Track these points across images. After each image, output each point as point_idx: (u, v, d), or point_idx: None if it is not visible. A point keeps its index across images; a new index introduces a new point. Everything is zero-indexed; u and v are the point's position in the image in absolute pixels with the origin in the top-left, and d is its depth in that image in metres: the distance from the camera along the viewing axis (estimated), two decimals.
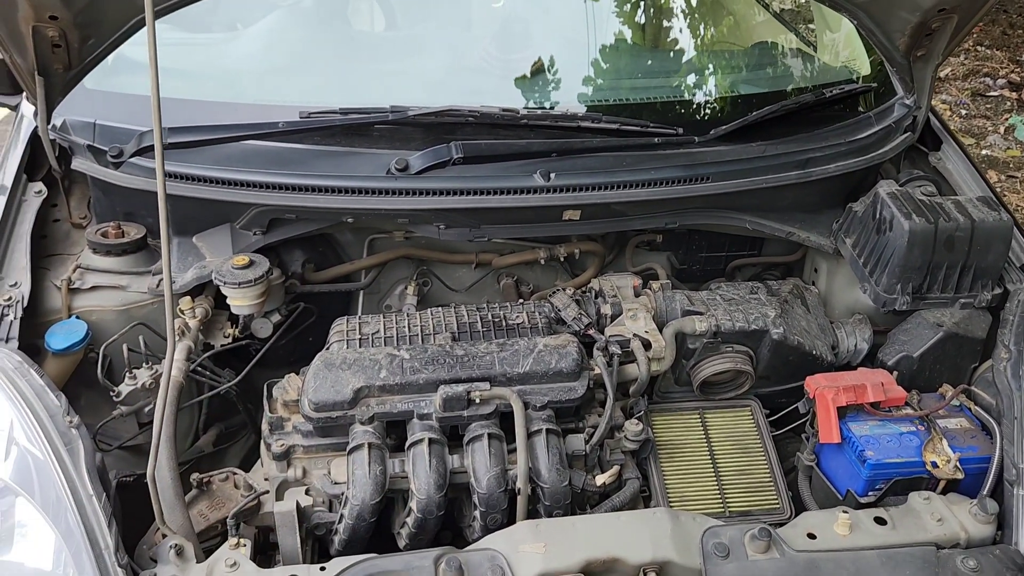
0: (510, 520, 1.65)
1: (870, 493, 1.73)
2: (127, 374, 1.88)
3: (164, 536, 1.54)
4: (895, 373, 1.90)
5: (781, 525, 1.62)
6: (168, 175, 1.92)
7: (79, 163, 2.00)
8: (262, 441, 1.80)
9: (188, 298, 1.94)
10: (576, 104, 2.22)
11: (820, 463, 1.86)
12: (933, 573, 1.50)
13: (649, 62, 2.52)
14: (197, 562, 1.51)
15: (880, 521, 1.60)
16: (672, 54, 2.56)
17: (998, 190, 5.11)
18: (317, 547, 1.78)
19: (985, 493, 1.66)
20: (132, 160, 1.95)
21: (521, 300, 2.08)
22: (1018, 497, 1.61)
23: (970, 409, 1.84)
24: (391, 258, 2.27)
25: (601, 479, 1.73)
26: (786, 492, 1.86)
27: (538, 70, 2.29)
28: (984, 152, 5.61)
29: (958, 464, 1.71)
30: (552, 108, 2.19)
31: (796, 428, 1.97)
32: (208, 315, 1.99)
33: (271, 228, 2.02)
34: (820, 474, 1.85)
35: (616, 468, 1.76)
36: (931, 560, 1.52)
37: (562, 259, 2.24)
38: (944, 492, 1.71)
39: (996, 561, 1.53)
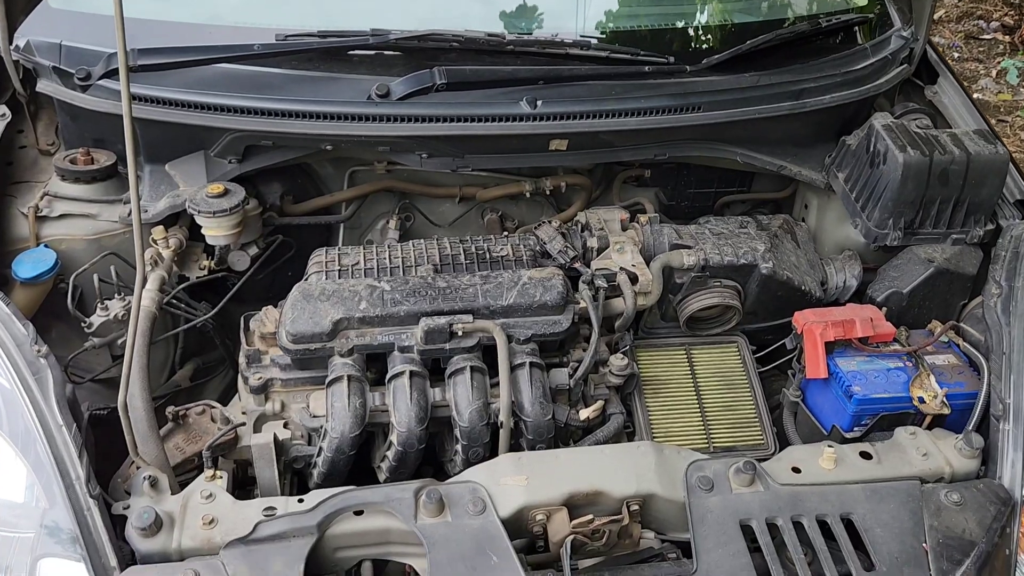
0: (492, 454, 1.62)
1: (856, 428, 1.72)
2: (98, 305, 1.82)
3: (138, 468, 1.50)
4: (884, 309, 1.87)
5: (765, 460, 1.61)
6: (138, 98, 1.84)
7: (44, 86, 1.91)
8: (239, 374, 1.75)
9: (161, 227, 1.88)
10: (565, 31, 2.14)
11: (806, 399, 1.84)
12: (917, 506, 1.50)
13: None
14: (172, 494, 1.48)
15: (865, 456, 1.59)
16: None
17: None
18: (296, 481, 1.75)
19: (971, 428, 1.65)
20: (101, 83, 1.86)
21: (506, 233, 2.03)
22: (1003, 432, 1.60)
23: (958, 345, 1.82)
24: (372, 191, 2.21)
25: (585, 413, 1.70)
26: (771, 428, 1.85)
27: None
28: (976, 96, 5.55)
29: (945, 400, 1.69)
30: (540, 34, 2.10)
31: (783, 364, 1.95)
32: (182, 246, 1.92)
33: (247, 156, 1.95)
34: (805, 410, 1.83)
35: (600, 403, 1.74)
36: (915, 494, 1.51)
37: (548, 192, 2.18)
38: (930, 427, 1.70)
39: (979, 495, 1.52)
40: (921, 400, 1.70)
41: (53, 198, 1.91)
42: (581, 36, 2.08)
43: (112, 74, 1.84)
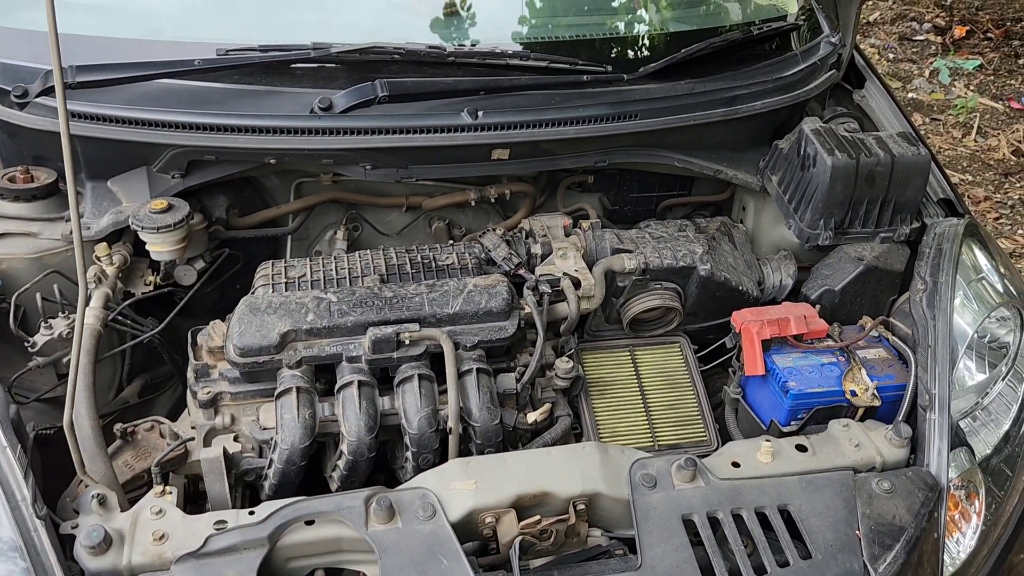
0: (442, 460, 1.65)
1: (792, 422, 1.78)
2: (42, 324, 1.81)
3: (86, 487, 1.50)
4: (818, 306, 1.94)
5: (707, 456, 1.66)
6: (77, 115, 1.84)
7: None
8: (188, 389, 1.76)
9: (104, 244, 1.87)
10: (506, 41, 2.18)
11: (746, 395, 1.90)
12: (850, 495, 1.56)
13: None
14: (121, 511, 1.48)
15: (801, 448, 1.66)
16: None
17: (922, 132, 5.24)
18: (248, 494, 1.76)
19: (900, 419, 1.73)
20: (38, 100, 1.85)
21: (451, 242, 2.07)
22: (930, 421, 1.67)
23: (888, 339, 1.89)
24: (318, 202, 2.23)
25: (532, 416, 1.74)
26: (713, 425, 1.91)
27: (451, 13, 2.23)
28: (910, 95, 5.74)
29: (875, 392, 1.76)
30: (480, 45, 2.14)
31: (724, 362, 2.01)
32: (126, 262, 1.91)
33: (190, 171, 1.95)
34: (746, 406, 1.89)
35: (547, 406, 1.77)
36: (848, 483, 1.58)
37: (493, 200, 2.22)
38: (862, 419, 1.77)
39: (908, 482, 1.60)
40: (853, 393, 1.77)
41: None
42: (521, 47, 2.13)
43: (50, 91, 1.83)
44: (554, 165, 2.10)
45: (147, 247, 1.88)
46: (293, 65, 1.96)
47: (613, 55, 2.22)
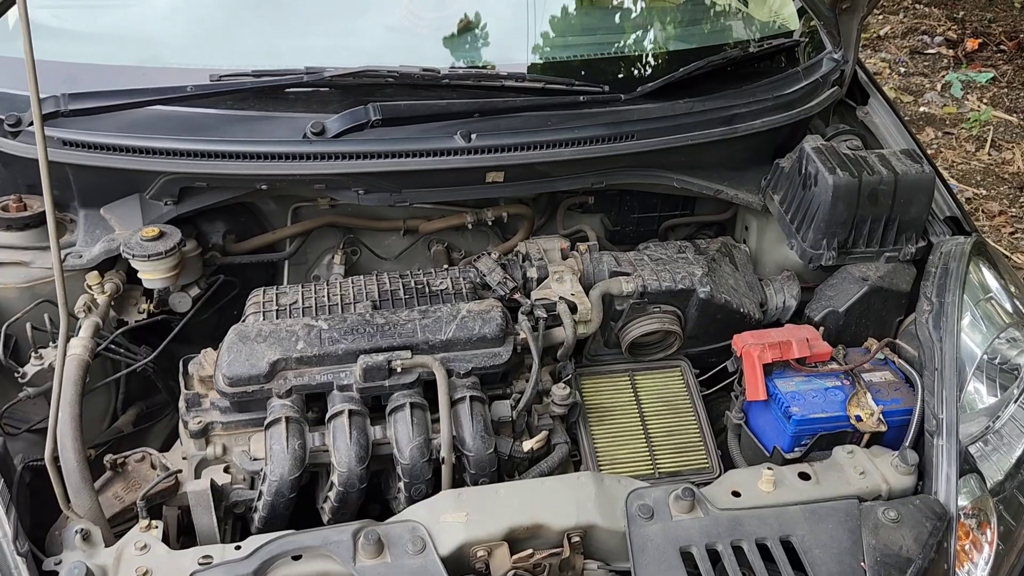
0: (435, 490, 1.61)
1: (796, 449, 1.74)
2: (32, 354, 1.80)
3: (71, 521, 1.48)
4: (822, 328, 1.90)
5: (708, 484, 1.62)
6: (70, 144, 1.83)
7: None
8: (180, 419, 1.73)
9: (95, 273, 1.86)
10: (501, 63, 2.16)
11: (748, 421, 1.85)
12: (855, 525, 1.51)
13: (575, 19, 2.46)
14: (106, 546, 1.45)
15: (804, 476, 1.61)
16: (600, 11, 2.50)
17: (935, 146, 5.17)
18: (239, 526, 1.73)
19: (907, 445, 1.68)
20: (31, 129, 1.85)
21: (445, 267, 2.04)
22: (938, 447, 1.62)
23: (894, 362, 1.84)
24: (315, 226, 2.21)
25: (528, 445, 1.70)
26: (715, 451, 1.86)
27: (465, 28, 2.22)
28: (922, 109, 5.68)
29: (881, 417, 1.71)
30: (475, 67, 2.12)
31: (727, 387, 1.97)
32: (119, 290, 1.90)
33: (183, 198, 1.94)
34: (748, 432, 1.84)
35: (544, 433, 1.73)
36: (853, 513, 1.53)
37: (490, 223, 2.19)
38: (868, 445, 1.72)
39: (916, 511, 1.54)
40: (858, 418, 1.72)
41: None
42: (516, 68, 2.11)
43: (43, 119, 1.82)
44: (550, 187, 2.07)
45: (139, 275, 1.87)
46: (287, 90, 1.95)
47: (610, 75, 2.20)
